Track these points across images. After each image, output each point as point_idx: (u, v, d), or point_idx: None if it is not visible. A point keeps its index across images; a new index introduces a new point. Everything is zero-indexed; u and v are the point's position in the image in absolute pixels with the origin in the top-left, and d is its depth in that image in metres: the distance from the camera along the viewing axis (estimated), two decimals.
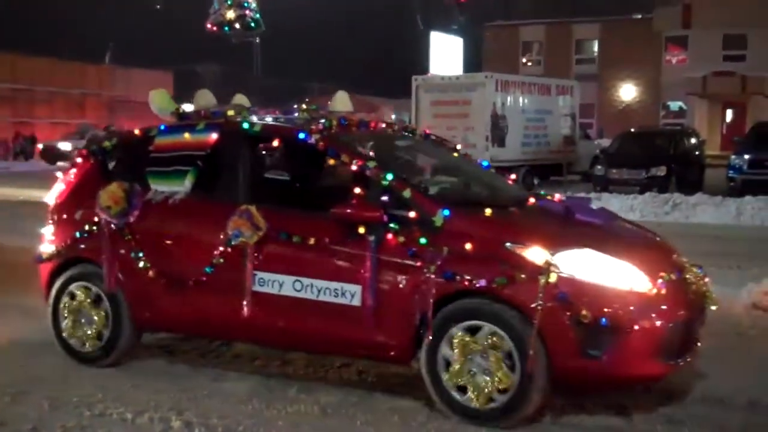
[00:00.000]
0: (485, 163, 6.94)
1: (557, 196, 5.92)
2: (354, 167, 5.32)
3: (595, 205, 5.74)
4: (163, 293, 5.79)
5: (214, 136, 5.86)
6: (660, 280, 4.84)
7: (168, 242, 5.86)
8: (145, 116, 7.59)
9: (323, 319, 5.25)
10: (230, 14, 38.23)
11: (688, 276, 5.25)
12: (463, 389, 4.84)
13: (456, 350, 4.85)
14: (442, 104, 24.41)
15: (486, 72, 27.64)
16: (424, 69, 35.68)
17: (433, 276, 4.83)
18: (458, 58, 43.20)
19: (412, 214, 5.04)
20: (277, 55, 54.09)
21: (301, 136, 5.60)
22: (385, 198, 5.10)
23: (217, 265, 5.53)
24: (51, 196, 6.49)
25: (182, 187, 5.80)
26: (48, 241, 6.35)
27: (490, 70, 30.11)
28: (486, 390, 4.77)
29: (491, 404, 4.78)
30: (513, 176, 9.04)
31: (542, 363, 4.67)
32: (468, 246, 4.85)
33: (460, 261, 4.85)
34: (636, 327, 4.65)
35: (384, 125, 6.61)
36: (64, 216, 6.34)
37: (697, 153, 24.01)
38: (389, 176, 5.18)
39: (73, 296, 6.14)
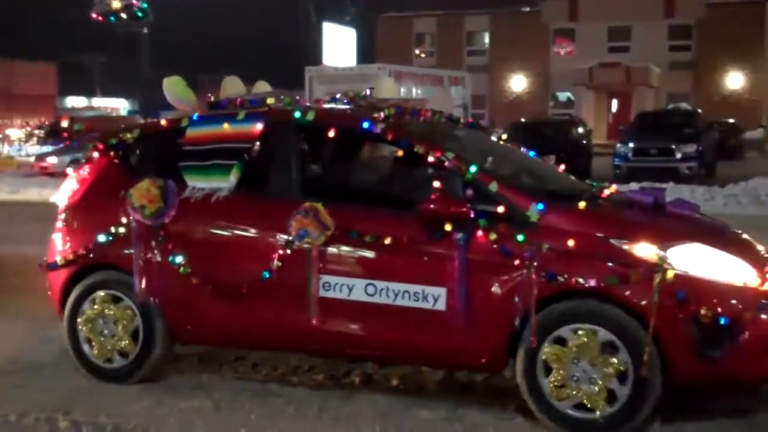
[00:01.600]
0: (532, 153, 6.26)
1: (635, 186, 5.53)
2: (431, 158, 4.85)
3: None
4: (208, 303, 5.17)
5: (259, 126, 5.24)
6: None
7: (213, 245, 5.22)
8: (29, 109, 7.08)
9: (400, 326, 4.78)
10: (116, 4, 37.13)
11: None
12: (566, 397, 4.46)
13: (557, 355, 4.46)
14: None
15: (379, 63, 27.70)
16: (317, 60, 35.48)
17: (534, 276, 4.42)
18: (352, 50, 43.12)
19: (500, 209, 4.61)
20: (165, 45, 52.83)
21: (366, 125, 5.08)
22: (468, 192, 4.66)
23: (276, 270, 4.96)
24: (62, 196, 5.74)
25: (227, 182, 5.18)
26: (61, 245, 5.61)
27: (383, 61, 30.24)
28: (592, 397, 4.40)
29: (598, 412, 4.41)
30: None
31: (657, 367, 4.34)
32: (570, 243, 4.45)
33: (563, 259, 4.45)
34: (755, 324, 4.35)
35: (430, 114, 5.89)
36: (81, 217, 5.62)
37: (584, 142, 24.63)
38: (473, 168, 4.72)
39: (95, 306, 5.44)
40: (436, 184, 4.67)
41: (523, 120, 26.64)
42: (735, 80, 42.44)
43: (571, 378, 4.44)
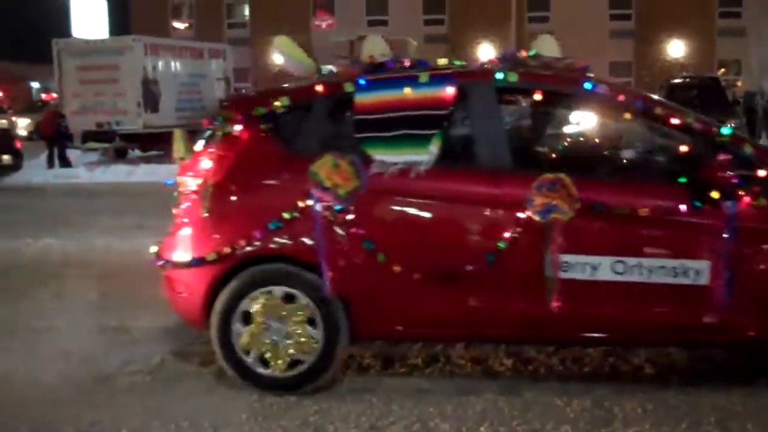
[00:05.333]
0: None
1: None
2: (675, 121, 4.52)
3: None
4: (413, 292, 4.59)
5: (451, 90, 4.63)
6: None
7: (418, 227, 4.61)
8: None
9: (653, 304, 4.48)
10: None
11: None
12: None
13: None
14: (88, 69, 23.11)
15: (134, 35, 26.50)
16: (66, 32, 33.39)
17: None
18: (104, 21, 41.01)
19: (762, 173, 4.37)
20: None
21: (588, 86, 4.62)
22: (722, 156, 4.35)
23: (503, 251, 4.44)
24: (191, 178, 4.82)
25: (426, 155, 4.55)
26: (203, 237, 4.75)
27: (138, 33, 28.90)
28: None
29: None
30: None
31: None
32: None
33: None
34: None
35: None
36: (232, 202, 4.76)
37: None
38: (726, 131, 4.46)
39: (259, 307, 4.68)
40: (684, 149, 4.41)
41: None
42: (486, 52, 44.55)
43: None
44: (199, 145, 5.01)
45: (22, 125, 33.68)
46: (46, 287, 7.75)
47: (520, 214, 4.47)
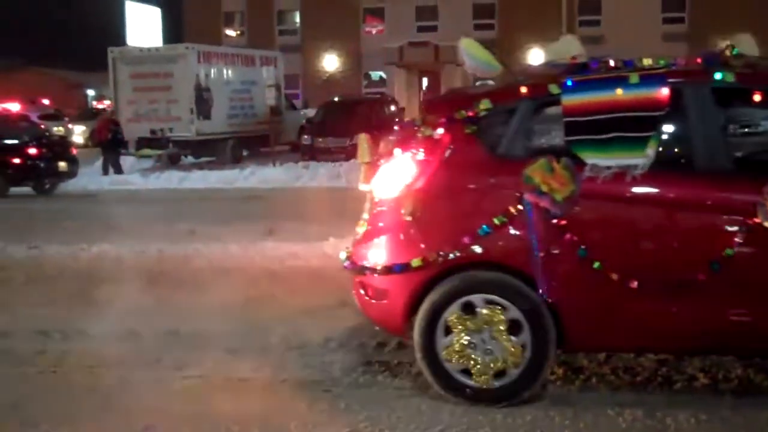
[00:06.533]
0: None
1: None
2: None
3: (305, 174, 5.35)
4: (632, 302, 4.45)
5: (665, 90, 4.51)
6: None
7: (635, 233, 4.50)
8: None
9: None
10: None
11: None
12: None
13: None
14: (142, 77, 23.49)
15: (187, 43, 26.86)
16: (121, 41, 33.97)
17: None
18: (158, 29, 41.62)
19: None
20: None
21: None
22: None
23: (730, 258, 4.31)
24: (391, 184, 4.75)
25: (642, 158, 4.43)
26: (403, 243, 4.67)
27: (191, 41, 29.29)
28: None
29: None
30: None
31: None
32: None
33: None
34: None
35: None
36: (436, 206, 4.68)
37: (396, 120, 24.99)
38: None
39: (468, 315, 4.59)
40: None
41: (335, 99, 26.64)
42: (537, 56, 44.27)
43: None
44: (389, 149, 4.94)
45: (78, 132, 34.34)
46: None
47: (748, 220, 4.33)
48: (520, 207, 4.48)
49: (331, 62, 47.20)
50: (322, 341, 6.06)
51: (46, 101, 38.57)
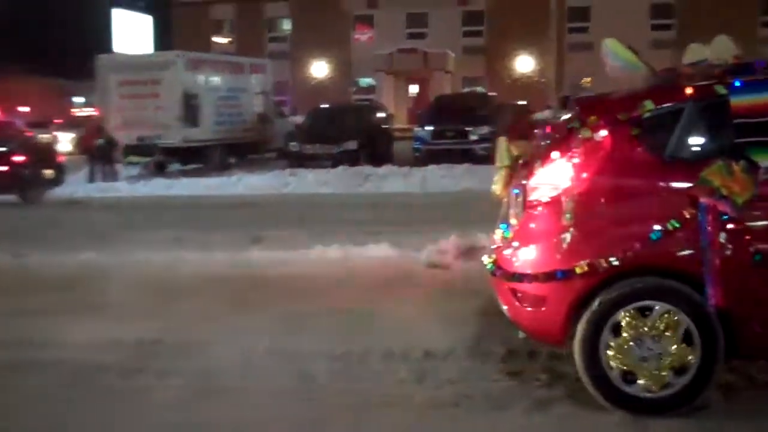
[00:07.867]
0: None
1: None
2: None
3: (292, 181, 5.31)
4: None
5: None
6: None
7: None
8: None
9: None
10: None
11: None
12: None
13: None
14: (130, 84, 23.42)
15: (176, 51, 26.82)
16: (109, 48, 33.94)
17: None
18: (149, 37, 41.63)
19: None
20: None
21: None
22: None
23: None
24: (549, 187, 4.62)
25: None
26: (563, 249, 4.51)
27: (181, 48, 29.25)
28: None
29: None
30: None
31: None
32: None
33: None
34: None
35: None
36: (600, 210, 4.53)
37: (384, 126, 25.03)
38: None
39: (636, 323, 4.43)
40: None
41: (323, 106, 26.62)
42: (525, 63, 44.40)
43: None
44: (539, 152, 4.86)
45: (65, 140, 34.15)
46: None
47: None
48: (693, 211, 4.37)
49: (320, 69, 47.24)
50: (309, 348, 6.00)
51: (25, 109, 38.16)
